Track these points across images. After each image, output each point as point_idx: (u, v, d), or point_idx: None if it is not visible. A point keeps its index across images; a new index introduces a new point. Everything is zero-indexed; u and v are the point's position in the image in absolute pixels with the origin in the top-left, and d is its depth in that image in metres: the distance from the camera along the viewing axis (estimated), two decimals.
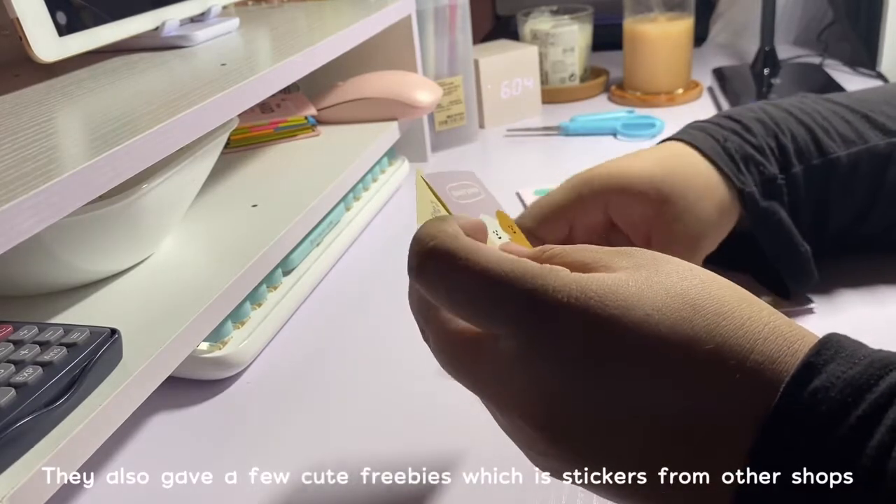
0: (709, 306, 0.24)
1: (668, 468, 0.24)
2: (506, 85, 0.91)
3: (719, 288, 0.25)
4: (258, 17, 0.75)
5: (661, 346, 0.23)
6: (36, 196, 0.32)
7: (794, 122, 0.47)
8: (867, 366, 0.22)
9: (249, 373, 0.49)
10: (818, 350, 0.23)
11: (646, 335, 0.23)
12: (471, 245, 0.26)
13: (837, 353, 0.22)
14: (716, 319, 0.23)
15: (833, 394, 0.21)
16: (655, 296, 0.24)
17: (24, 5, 0.47)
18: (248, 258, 0.48)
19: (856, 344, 0.23)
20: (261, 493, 0.38)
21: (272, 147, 0.71)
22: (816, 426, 0.21)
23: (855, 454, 0.20)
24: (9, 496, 0.30)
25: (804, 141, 0.46)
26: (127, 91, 0.49)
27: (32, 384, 0.33)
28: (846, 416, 0.21)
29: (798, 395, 0.22)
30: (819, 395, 0.21)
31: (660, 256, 0.26)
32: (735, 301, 0.24)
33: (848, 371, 0.22)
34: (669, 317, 0.23)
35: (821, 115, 0.48)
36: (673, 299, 0.24)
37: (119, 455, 0.42)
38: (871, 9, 0.93)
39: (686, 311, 0.24)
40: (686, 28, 0.91)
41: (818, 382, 0.22)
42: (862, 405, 0.21)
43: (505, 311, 0.25)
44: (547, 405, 0.25)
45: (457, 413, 0.43)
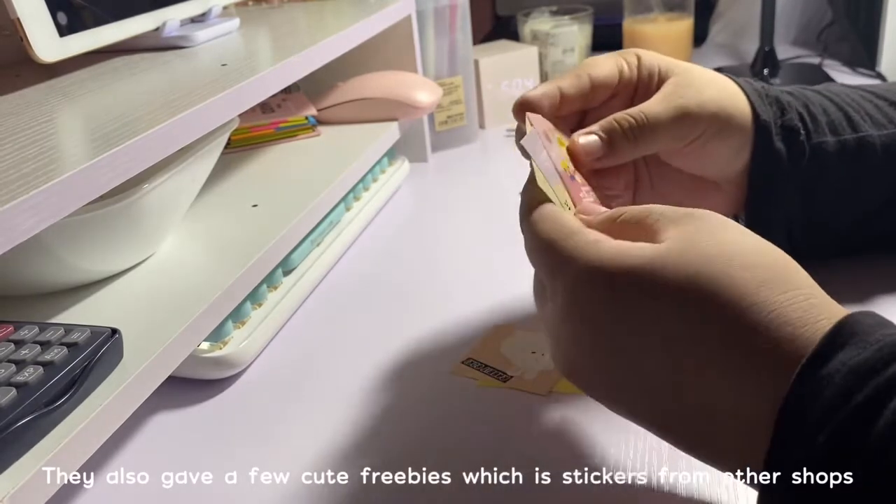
0: (722, 293, 0.26)
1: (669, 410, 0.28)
2: (506, 85, 0.91)
3: (745, 269, 0.26)
4: (258, 17, 0.75)
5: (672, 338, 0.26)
6: (36, 196, 0.32)
7: (826, 101, 0.46)
8: (876, 351, 0.23)
9: (250, 373, 0.49)
10: (832, 336, 0.24)
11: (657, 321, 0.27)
12: (544, 213, 0.33)
13: (851, 338, 0.24)
14: (723, 310, 0.25)
15: (837, 379, 0.22)
16: (668, 271, 0.27)
17: (24, 5, 0.47)
18: (248, 258, 0.49)
19: (873, 324, 0.24)
20: (261, 493, 0.38)
21: (272, 147, 0.71)
22: (821, 410, 0.22)
23: (859, 437, 0.21)
24: (9, 496, 0.30)
25: (837, 117, 0.45)
26: (127, 91, 0.49)
27: (33, 384, 0.33)
28: (847, 402, 0.22)
29: (807, 382, 0.23)
30: (824, 381, 0.23)
31: (704, 228, 0.28)
32: (753, 284, 0.26)
33: (855, 357, 0.23)
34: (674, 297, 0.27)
35: (850, 98, 0.46)
36: (687, 279, 0.26)
37: (119, 455, 0.42)
38: (871, 9, 0.93)
39: (696, 296, 0.26)
40: (686, 28, 0.91)
41: (825, 370, 0.23)
42: (864, 390, 0.22)
43: (541, 272, 0.33)
44: (562, 357, 0.31)
45: (457, 413, 0.43)
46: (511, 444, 0.39)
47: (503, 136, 0.88)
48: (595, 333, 0.29)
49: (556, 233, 0.31)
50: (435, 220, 0.70)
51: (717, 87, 0.42)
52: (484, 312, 0.51)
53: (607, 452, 0.38)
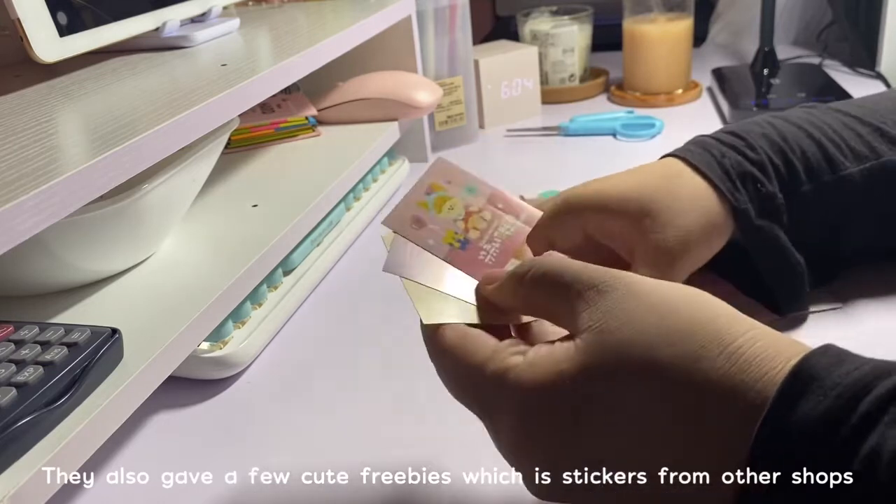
0: (653, 389, 0.25)
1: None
2: (506, 85, 0.91)
3: (671, 346, 0.25)
4: (258, 17, 0.75)
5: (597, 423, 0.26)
6: (37, 196, 0.32)
7: (804, 137, 0.45)
8: (836, 398, 0.22)
9: (249, 373, 0.49)
10: (785, 388, 0.23)
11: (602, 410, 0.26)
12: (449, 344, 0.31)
13: (807, 386, 0.22)
14: (661, 404, 0.25)
15: (806, 430, 0.22)
16: (590, 379, 0.26)
17: (25, 6, 0.47)
18: (248, 258, 0.49)
19: (831, 364, 0.23)
20: (261, 493, 0.38)
21: (273, 147, 0.71)
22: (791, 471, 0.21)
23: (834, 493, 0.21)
24: (9, 496, 0.30)
25: (815, 157, 0.44)
26: (127, 91, 0.49)
27: (33, 384, 0.34)
28: (818, 458, 0.21)
29: (767, 448, 0.22)
30: (786, 443, 0.22)
31: (617, 307, 0.27)
32: (688, 361, 0.24)
33: (816, 407, 0.22)
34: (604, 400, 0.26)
35: (831, 128, 0.46)
36: (610, 387, 0.26)
37: (119, 455, 0.42)
38: (871, 9, 0.93)
39: (628, 400, 0.25)
40: (685, 28, 0.91)
41: (787, 428, 0.22)
42: (834, 443, 0.21)
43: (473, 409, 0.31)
44: (525, 475, 0.29)
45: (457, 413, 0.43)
46: None
47: (503, 136, 0.88)
48: (555, 454, 0.27)
49: (469, 370, 0.30)
50: None
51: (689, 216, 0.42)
52: None
53: None
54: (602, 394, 0.25)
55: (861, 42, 0.97)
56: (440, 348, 0.31)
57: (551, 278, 0.29)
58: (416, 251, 0.33)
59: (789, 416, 0.22)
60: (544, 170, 0.79)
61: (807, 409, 0.22)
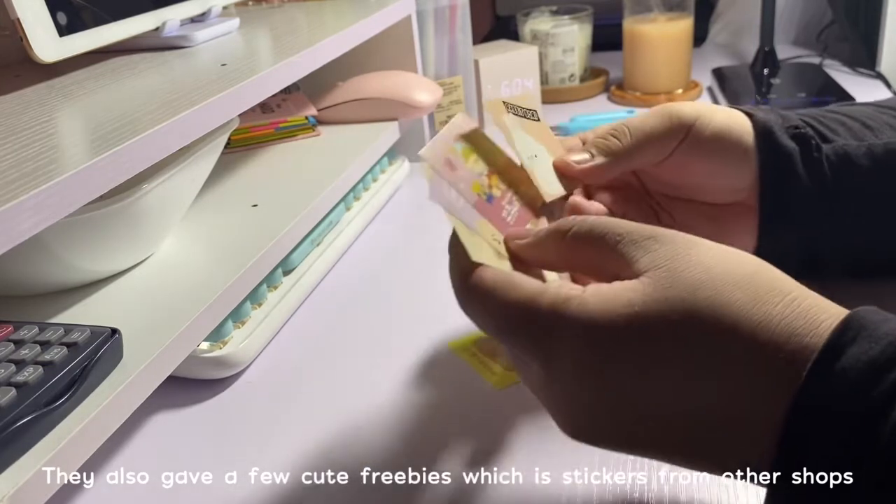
0: (720, 321, 0.25)
1: (685, 455, 0.27)
2: (506, 85, 0.91)
3: (736, 289, 0.25)
4: (258, 17, 0.75)
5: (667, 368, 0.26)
6: (37, 196, 0.32)
7: (839, 115, 0.42)
8: (887, 345, 0.23)
9: (249, 373, 0.49)
10: (840, 332, 0.24)
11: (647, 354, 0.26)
12: (488, 288, 0.29)
13: (859, 333, 0.24)
14: (726, 335, 0.25)
15: (853, 375, 0.23)
16: (661, 316, 0.26)
17: (24, 6, 0.47)
18: (248, 258, 0.49)
19: (880, 319, 0.24)
20: (261, 493, 0.38)
21: (272, 147, 0.71)
22: (838, 407, 0.23)
23: (875, 431, 0.22)
24: (9, 496, 0.30)
25: (856, 126, 0.41)
26: (127, 91, 0.49)
27: (33, 384, 0.33)
28: (866, 396, 0.22)
29: (820, 380, 0.23)
30: (839, 377, 0.23)
31: (680, 253, 0.27)
32: (750, 304, 0.25)
33: (868, 352, 0.23)
34: (677, 335, 0.26)
35: (864, 112, 0.43)
36: (682, 317, 0.25)
37: (119, 455, 0.42)
38: (871, 9, 0.93)
39: (696, 331, 0.25)
40: (686, 28, 0.91)
41: (839, 365, 0.23)
42: (881, 385, 0.22)
43: (525, 350, 0.29)
44: (572, 421, 0.29)
45: (457, 413, 0.43)
46: (511, 444, 0.39)
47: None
48: (607, 391, 0.27)
49: (521, 304, 0.28)
50: (435, 219, 0.70)
51: (708, 104, 0.41)
52: None
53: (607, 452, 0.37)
54: (675, 329, 0.26)
55: (861, 42, 0.97)
56: (486, 286, 0.29)
57: (599, 232, 0.29)
58: (452, 191, 0.33)
59: (838, 360, 0.23)
60: None
61: (857, 353, 0.23)
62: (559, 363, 0.27)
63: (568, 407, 0.28)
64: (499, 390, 0.43)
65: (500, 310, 0.29)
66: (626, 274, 0.27)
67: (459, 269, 0.31)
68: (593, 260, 0.29)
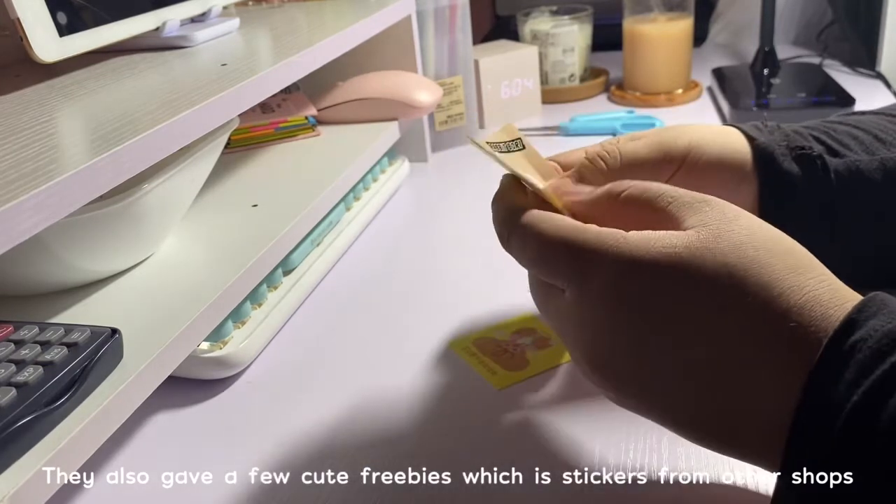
0: (754, 277, 0.26)
1: (698, 401, 0.27)
2: (506, 85, 0.91)
3: (774, 256, 0.27)
4: (258, 17, 0.75)
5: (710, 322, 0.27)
6: (37, 196, 0.32)
7: (850, 127, 0.41)
8: None
9: (249, 373, 0.49)
10: (861, 307, 0.25)
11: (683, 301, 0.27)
12: (536, 217, 0.32)
13: (880, 309, 0.25)
14: (756, 289, 0.26)
15: (871, 343, 0.24)
16: (700, 261, 0.27)
17: (24, 6, 0.47)
18: (248, 258, 0.49)
19: None
20: (261, 493, 0.38)
21: (272, 147, 0.71)
22: (854, 372, 0.23)
23: (891, 398, 0.22)
24: (9, 496, 0.30)
25: (867, 139, 0.40)
26: (127, 91, 0.49)
27: (33, 384, 0.33)
28: (881, 362, 0.23)
29: (839, 347, 0.24)
30: (858, 345, 0.24)
31: (729, 217, 0.29)
32: (785, 271, 0.27)
33: (887, 325, 0.24)
34: (712, 282, 0.27)
35: (876, 123, 0.41)
36: (719, 267, 0.27)
37: (119, 455, 0.42)
38: (871, 9, 0.93)
39: (729, 282, 0.27)
40: (686, 28, 0.91)
41: (857, 335, 0.24)
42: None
43: (562, 273, 0.30)
44: (594, 351, 0.29)
45: (457, 413, 0.43)
46: (511, 444, 0.39)
47: None
48: (638, 321, 0.28)
49: (567, 231, 0.30)
50: (435, 219, 0.70)
51: (705, 128, 0.40)
52: (484, 312, 0.51)
53: (607, 452, 0.38)
54: (711, 277, 0.27)
55: (861, 42, 0.97)
56: (536, 214, 0.32)
57: (653, 193, 0.31)
58: None
59: (857, 331, 0.24)
60: None
61: (877, 324, 0.24)
62: (595, 287, 0.29)
63: (594, 334, 0.29)
64: (499, 390, 0.44)
65: (546, 237, 0.31)
66: (676, 228, 0.29)
67: (507, 209, 0.33)
68: (645, 220, 0.30)
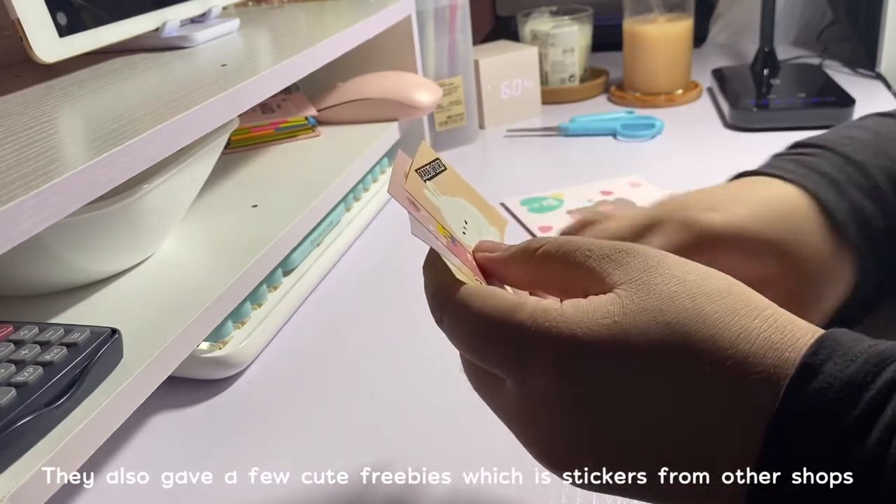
0: (699, 331, 0.25)
1: (668, 469, 0.25)
2: (506, 85, 0.91)
3: (712, 302, 0.25)
4: (258, 17, 0.75)
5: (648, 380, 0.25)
6: (37, 196, 0.32)
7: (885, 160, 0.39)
8: (864, 363, 0.22)
9: (249, 373, 0.49)
10: (815, 350, 0.23)
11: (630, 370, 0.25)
12: (467, 296, 0.29)
13: (834, 351, 0.23)
14: (705, 345, 0.24)
15: (831, 395, 0.22)
16: (640, 327, 0.25)
17: (24, 6, 0.47)
18: (248, 258, 0.49)
19: (853, 339, 0.24)
20: (261, 493, 0.38)
21: (272, 147, 0.71)
22: (817, 426, 0.22)
23: (854, 452, 0.21)
24: (9, 496, 0.30)
25: None
26: (127, 91, 0.49)
27: (33, 384, 0.33)
28: (845, 416, 0.22)
29: (799, 397, 0.23)
30: (818, 396, 0.22)
31: (652, 266, 0.27)
32: (728, 316, 0.25)
33: (845, 370, 0.22)
34: (656, 346, 0.25)
35: None
36: (660, 328, 0.25)
37: (119, 455, 0.42)
38: (871, 9, 0.93)
39: (675, 342, 0.25)
40: (686, 28, 0.91)
41: (816, 384, 0.22)
42: (860, 404, 0.22)
43: (499, 362, 0.28)
44: (553, 449, 0.28)
45: (457, 413, 0.43)
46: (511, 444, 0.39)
47: (503, 136, 0.88)
48: (596, 415, 0.26)
49: (501, 312, 0.28)
50: None
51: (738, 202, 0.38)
52: None
53: None
54: (654, 339, 0.25)
55: (861, 42, 0.97)
56: (464, 297, 0.29)
57: (569, 248, 0.29)
58: (427, 227, 0.32)
59: (815, 379, 0.23)
60: (544, 170, 0.79)
61: (834, 371, 0.23)
62: (537, 376, 0.27)
63: (550, 433, 0.27)
64: None
65: (478, 320, 0.28)
66: (597, 289, 0.27)
67: (436, 284, 0.30)
68: (563, 276, 0.29)
